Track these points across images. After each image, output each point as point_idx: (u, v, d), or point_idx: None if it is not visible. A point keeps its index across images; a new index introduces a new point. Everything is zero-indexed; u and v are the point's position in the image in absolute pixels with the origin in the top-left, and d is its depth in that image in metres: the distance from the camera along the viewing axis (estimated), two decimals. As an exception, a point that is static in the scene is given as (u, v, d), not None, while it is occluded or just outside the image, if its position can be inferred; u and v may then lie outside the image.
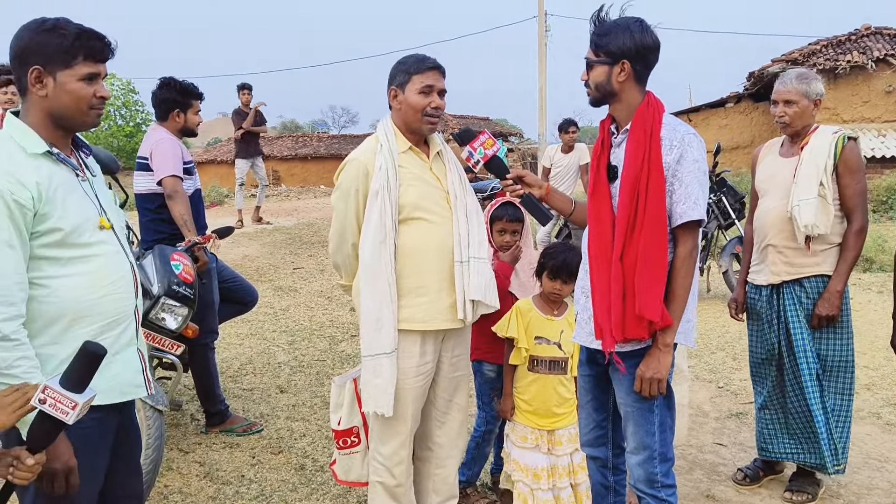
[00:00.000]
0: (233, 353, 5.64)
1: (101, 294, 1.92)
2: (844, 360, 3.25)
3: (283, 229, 11.81)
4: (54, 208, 1.84)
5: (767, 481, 3.53)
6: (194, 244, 3.72)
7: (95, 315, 1.91)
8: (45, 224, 1.82)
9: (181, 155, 4.01)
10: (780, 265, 3.27)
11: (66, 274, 1.87)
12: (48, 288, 1.85)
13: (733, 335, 6.05)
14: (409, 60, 2.68)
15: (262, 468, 3.70)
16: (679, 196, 2.33)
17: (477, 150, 2.67)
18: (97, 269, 1.92)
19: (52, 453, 1.78)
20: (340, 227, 2.74)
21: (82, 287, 1.89)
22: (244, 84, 11.00)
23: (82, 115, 1.93)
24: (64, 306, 1.87)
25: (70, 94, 1.89)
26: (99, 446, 2.00)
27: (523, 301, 3.04)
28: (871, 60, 14.63)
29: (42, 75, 1.86)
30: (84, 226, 1.90)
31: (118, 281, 1.97)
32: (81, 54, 1.89)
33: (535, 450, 3.00)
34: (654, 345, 2.36)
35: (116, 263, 1.98)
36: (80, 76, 1.89)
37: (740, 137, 17.09)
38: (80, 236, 1.89)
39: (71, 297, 1.87)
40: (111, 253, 1.97)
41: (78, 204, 1.91)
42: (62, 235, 1.85)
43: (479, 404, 3.35)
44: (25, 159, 1.83)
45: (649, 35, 2.36)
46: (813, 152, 3.17)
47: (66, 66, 1.87)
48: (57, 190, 1.85)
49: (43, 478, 1.80)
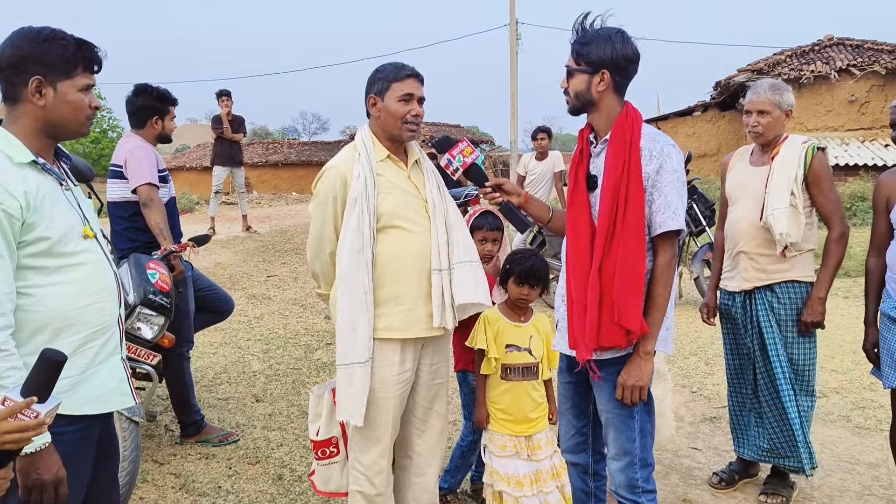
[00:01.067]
0: (207, 362, 5.57)
1: (87, 303, 1.91)
2: (811, 363, 3.34)
3: (256, 237, 11.72)
4: (41, 218, 1.82)
5: (742, 484, 3.58)
6: (170, 252, 3.68)
7: (81, 324, 1.90)
8: (33, 233, 1.81)
9: (156, 163, 3.96)
10: (751, 272, 3.33)
11: (51, 283, 1.85)
12: (34, 297, 1.83)
13: (705, 340, 6.14)
14: (387, 68, 2.68)
15: (239, 479, 3.66)
16: (658, 206, 2.36)
17: (456, 158, 2.69)
18: (82, 279, 1.91)
19: (42, 465, 1.77)
20: (318, 236, 2.73)
21: (68, 296, 1.87)
22: (223, 91, 10.84)
23: (78, 124, 1.94)
24: (50, 315, 1.85)
25: (70, 104, 1.89)
26: (84, 457, 1.98)
27: (490, 311, 3.03)
28: (833, 70, 15.00)
29: (42, 85, 1.86)
30: (69, 235, 1.89)
31: (103, 290, 1.96)
32: (81, 65, 1.89)
33: (514, 457, 3.00)
34: (636, 353, 2.38)
35: (101, 272, 1.97)
36: (80, 87, 1.90)
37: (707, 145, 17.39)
38: (66, 245, 1.87)
39: (57, 306, 1.86)
40: (95, 262, 1.96)
41: (64, 213, 1.90)
42: (49, 245, 1.84)
43: (465, 414, 3.35)
44: (12, 168, 1.82)
45: (630, 46, 2.39)
46: (783, 163, 3.24)
47: (66, 77, 1.88)
48: (44, 199, 1.84)
49: (31, 490, 1.79)
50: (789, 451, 3.33)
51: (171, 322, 3.49)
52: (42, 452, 1.78)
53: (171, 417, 4.27)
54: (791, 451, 3.33)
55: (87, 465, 2.01)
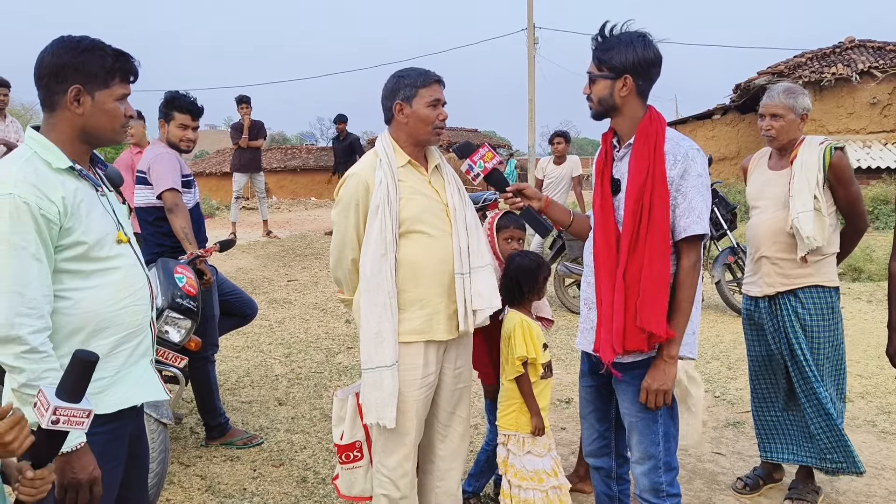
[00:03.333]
0: (230, 365, 5.63)
1: (121, 306, 1.96)
2: (840, 367, 3.32)
3: (276, 242, 11.81)
4: (78, 223, 1.87)
5: (767, 489, 3.56)
6: (196, 257, 3.73)
7: (115, 327, 1.95)
8: (70, 238, 1.86)
9: (179, 168, 4.02)
10: (774, 276, 3.31)
11: (87, 286, 1.90)
12: (70, 300, 1.88)
13: (727, 345, 6.11)
14: (412, 74, 2.70)
15: (263, 481, 3.70)
16: (682, 210, 2.37)
17: (477, 164, 2.71)
18: (117, 282, 1.96)
19: (78, 464, 1.81)
20: (340, 242, 2.76)
21: (103, 299, 1.92)
22: (243, 97, 10.91)
23: (114, 133, 1.99)
24: (85, 318, 1.89)
25: (107, 113, 1.94)
26: (116, 457, 2.02)
27: (521, 318, 3.02)
28: (855, 73, 14.85)
29: (81, 94, 1.90)
30: (104, 239, 1.94)
31: (136, 293, 2.01)
32: (118, 75, 1.94)
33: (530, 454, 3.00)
34: (660, 356, 2.39)
35: (134, 276, 2.02)
36: (117, 96, 1.95)
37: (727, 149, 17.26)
38: (101, 250, 1.92)
39: (92, 309, 1.90)
40: (129, 266, 2.01)
41: (99, 218, 1.95)
42: (85, 249, 1.89)
43: (489, 419, 3.36)
44: (51, 174, 1.87)
45: (651, 50, 2.40)
46: (804, 167, 3.22)
47: (105, 87, 1.92)
48: (81, 204, 1.89)
49: (67, 489, 1.82)
50: (838, 452, 3.29)
51: (198, 325, 3.54)
52: (78, 452, 1.82)
53: (197, 420, 4.32)
54: (839, 453, 3.29)
55: (120, 466, 2.05)
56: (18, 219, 1.77)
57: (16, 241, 1.77)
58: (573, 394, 4.80)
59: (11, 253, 1.76)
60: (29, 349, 1.76)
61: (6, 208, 1.77)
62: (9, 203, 1.77)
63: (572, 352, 5.76)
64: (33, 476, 1.58)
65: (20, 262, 1.77)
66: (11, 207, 1.77)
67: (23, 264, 1.77)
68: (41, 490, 1.60)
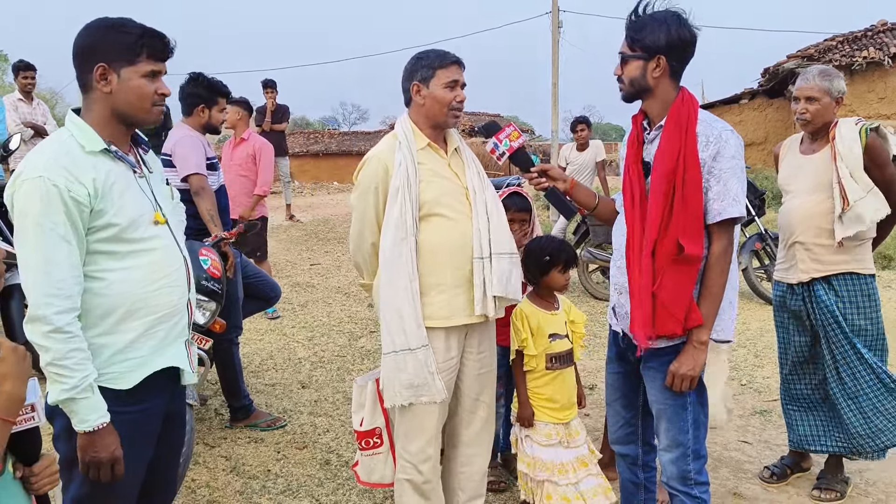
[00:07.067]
0: (253, 348, 5.67)
1: (156, 287, 1.97)
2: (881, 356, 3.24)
3: (299, 226, 11.87)
4: (110, 204, 1.88)
5: (794, 479, 3.51)
6: (221, 240, 3.74)
7: (150, 307, 1.96)
8: (101, 219, 1.87)
9: (204, 151, 4.03)
10: (808, 262, 3.24)
11: (122, 267, 1.92)
12: (105, 281, 1.90)
13: (754, 332, 6.03)
14: (430, 55, 2.67)
15: (287, 463, 3.72)
16: (716, 193, 2.31)
17: (503, 142, 2.66)
18: (152, 263, 1.97)
19: (100, 444, 1.84)
20: (360, 226, 2.73)
21: (137, 280, 1.93)
22: (268, 81, 10.87)
23: (145, 112, 1.98)
24: (119, 299, 1.91)
25: (134, 90, 1.94)
26: (146, 435, 2.04)
27: (523, 305, 3.01)
28: (887, 56, 14.50)
29: (107, 72, 1.91)
30: (138, 221, 1.95)
31: (172, 274, 2.02)
32: (144, 52, 1.94)
33: (557, 445, 2.99)
34: (689, 342, 2.35)
35: (170, 257, 2.03)
36: (143, 73, 1.94)
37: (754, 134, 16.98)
38: (135, 231, 1.93)
39: (126, 290, 1.92)
40: (165, 247, 2.02)
41: (134, 200, 1.96)
42: (117, 230, 1.90)
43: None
44: (83, 157, 1.88)
45: (686, 29, 2.34)
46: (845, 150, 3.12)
47: (129, 63, 1.92)
48: (113, 186, 1.90)
49: (89, 467, 1.86)
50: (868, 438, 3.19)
51: (222, 308, 3.55)
52: (101, 431, 1.85)
53: (221, 402, 4.36)
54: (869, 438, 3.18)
55: (149, 445, 2.06)
56: (48, 201, 1.79)
57: (45, 223, 1.79)
58: (597, 380, 4.77)
59: (41, 234, 1.79)
60: (53, 329, 1.78)
61: (36, 191, 1.79)
62: (39, 186, 1.79)
63: (595, 338, 5.72)
64: (29, 473, 1.62)
65: (49, 243, 1.79)
66: (42, 190, 1.79)
67: (52, 246, 1.79)
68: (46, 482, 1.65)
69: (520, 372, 3.01)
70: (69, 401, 1.81)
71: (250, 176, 6.16)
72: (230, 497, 3.35)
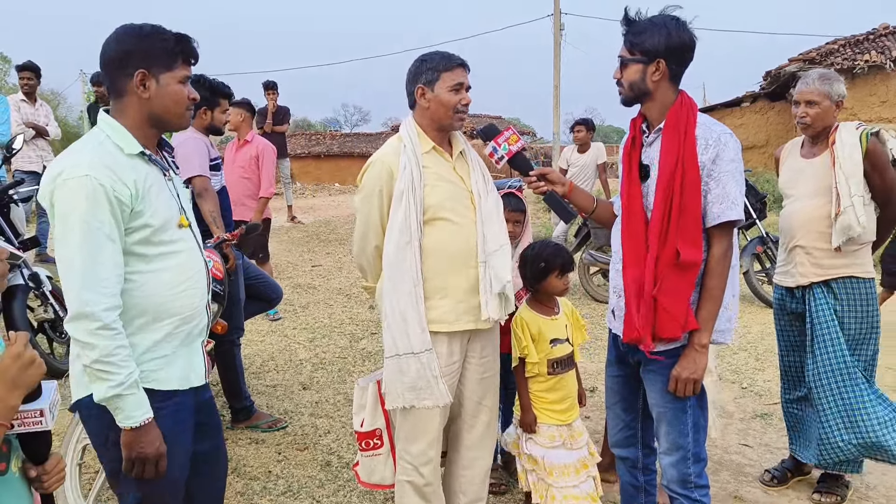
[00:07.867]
0: (254, 349, 5.67)
1: (182, 289, 2.00)
2: (872, 363, 3.25)
3: (300, 227, 11.88)
4: (147, 206, 1.91)
5: (795, 482, 3.52)
6: (223, 241, 3.75)
7: (176, 308, 1.99)
8: (139, 221, 1.90)
9: (207, 153, 4.04)
10: (807, 266, 3.25)
11: (150, 270, 1.94)
12: (135, 282, 1.92)
13: (755, 335, 6.03)
14: (435, 58, 2.66)
15: (288, 464, 3.72)
16: (715, 196, 2.32)
17: (501, 146, 2.67)
18: (178, 266, 1.99)
19: (146, 439, 1.87)
20: (364, 229, 2.73)
21: (164, 283, 1.96)
22: (269, 83, 10.88)
23: (179, 116, 2.02)
24: (148, 302, 1.94)
25: (171, 95, 1.98)
26: (184, 428, 2.06)
27: (522, 311, 3.02)
28: (889, 60, 14.49)
29: (146, 78, 1.94)
30: (168, 223, 1.98)
31: (193, 276, 2.04)
32: (180, 58, 1.98)
33: (561, 447, 3.00)
34: (690, 345, 2.35)
35: (193, 260, 2.06)
36: (180, 78, 1.98)
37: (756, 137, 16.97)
38: (164, 233, 1.96)
39: (155, 291, 1.94)
40: (189, 250, 2.04)
41: (165, 202, 1.99)
42: (150, 232, 1.93)
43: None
44: (124, 159, 1.92)
45: (686, 32, 2.35)
46: (845, 154, 3.13)
47: (168, 70, 1.96)
48: (150, 188, 1.94)
49: (134, 463, 1.89)
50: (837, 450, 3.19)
51: (224, 309, 3.55)
52: (146, 427, 1.87)
53: (222, 403, 4.35)
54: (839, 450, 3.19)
55: (188, 437, 2.09)
56: (95, 200, 1.81)
57: (91, 222, 1.81)
58: (597, 382, 4.77)
59: (87, 233, 1.81)
60: (101, 325, 1.80)
61: (83, 190, 1.81)
62: (86, 184, 1.81)
63: (596, 340, 5.72)
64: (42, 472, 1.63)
65: (95, 241, 1.82)
66: (88, 189, 1.81)
67: (97, 244, 1.82)
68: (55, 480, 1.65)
69: (522, 378, 3.02)
70: (116, 398, 1.83)
71: (253, 178, 6.15)
72: (231, 498, 3.36)
